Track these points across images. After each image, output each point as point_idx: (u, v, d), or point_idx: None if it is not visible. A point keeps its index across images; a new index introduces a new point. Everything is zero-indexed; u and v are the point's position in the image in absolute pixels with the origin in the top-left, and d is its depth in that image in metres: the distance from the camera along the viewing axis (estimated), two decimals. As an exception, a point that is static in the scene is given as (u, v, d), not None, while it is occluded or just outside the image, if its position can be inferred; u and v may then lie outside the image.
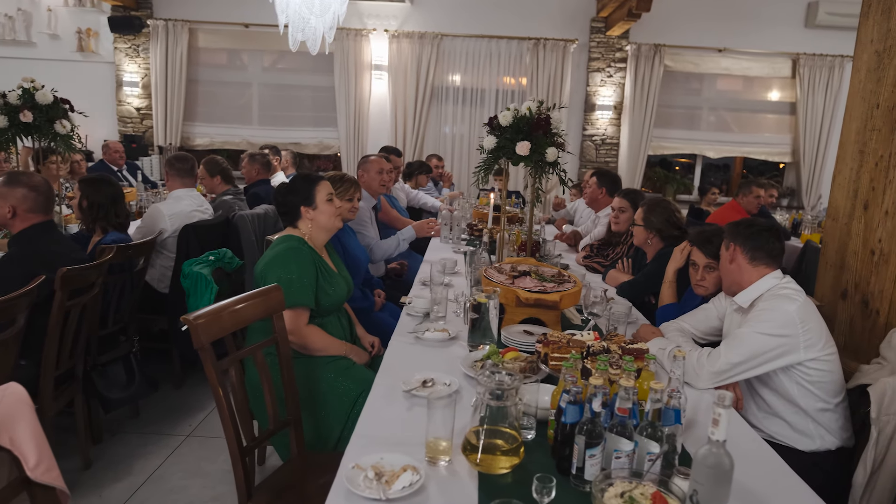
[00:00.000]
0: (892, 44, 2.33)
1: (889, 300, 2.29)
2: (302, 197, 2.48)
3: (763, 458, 1.64)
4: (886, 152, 2.32)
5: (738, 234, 2.17)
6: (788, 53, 7.67)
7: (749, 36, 7.57)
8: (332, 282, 2.48)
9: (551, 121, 3.06)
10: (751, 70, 7.82)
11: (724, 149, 8.12)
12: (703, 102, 8.07)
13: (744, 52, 7.65)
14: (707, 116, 8.10)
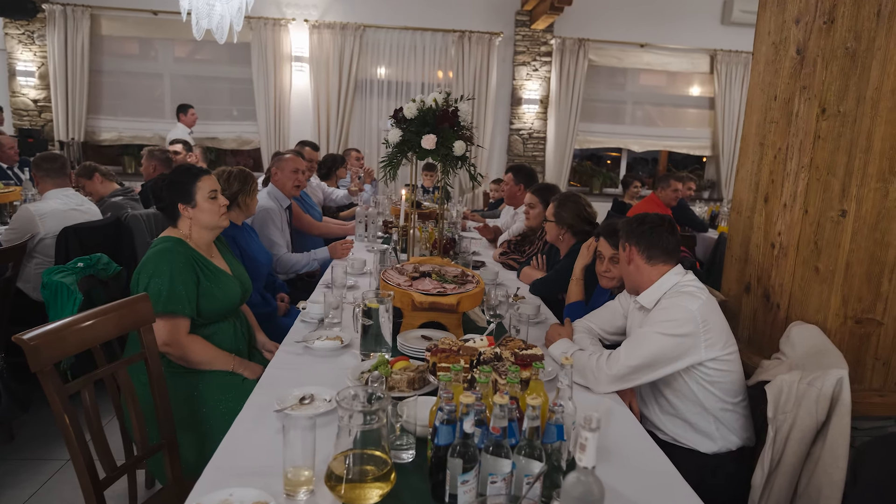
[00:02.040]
0: (787, 35, 2.30)
1: (789, 294, 2.27)
2: (180, 194, 2.25)
3: (659, 472, 1.55)
4: (784, 144, 2.30)
5: (632, 234, 2.10)
6: (706, 49, 7.84)
7: (669, 32, 7.70)
8: (221, 284, 2.26)
9: (459, 113, 2.92)
10: (671, 65, 7.97)
11: (648, 142, 8.25)
12: (627, 97, 8.17)
13: (664, 48, 7.78)
14: (631, 111, 8.21)
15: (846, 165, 2.02)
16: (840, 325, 2.07)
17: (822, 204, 2.11)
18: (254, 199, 2.96)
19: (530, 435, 1.26)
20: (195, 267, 2.19)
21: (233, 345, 2.31)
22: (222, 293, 2.25)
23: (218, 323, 2.29)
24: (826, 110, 2.10)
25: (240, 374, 2.23)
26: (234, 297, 2.32)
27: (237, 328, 2.37)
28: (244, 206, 2.91)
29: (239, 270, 2.44)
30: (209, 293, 2.20)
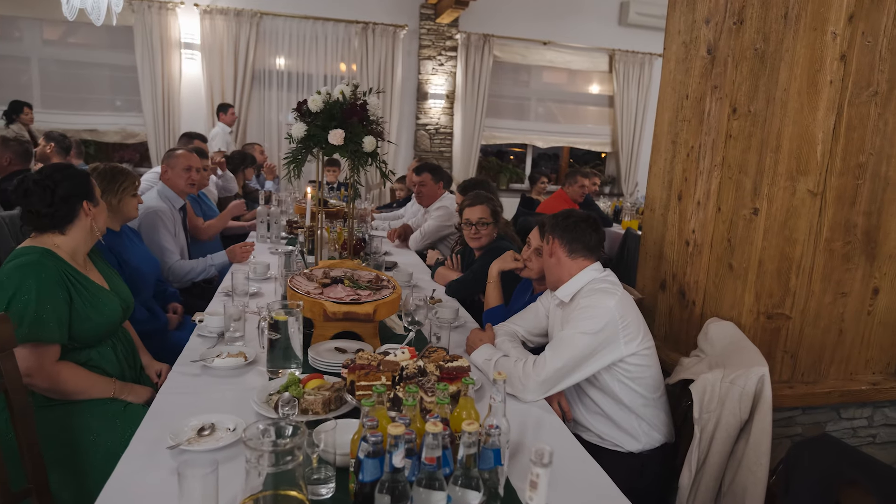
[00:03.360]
0: (697, 35, 2.32)
1: (704, 291, 2.30)
2: (85, 189, 1.96)
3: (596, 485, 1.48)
4: (696, 143, 2.32)
5: (556, 227, 2.08)
6: (605, 49, 8.09)
7: (570, 30, 7.86)
8: (98, 303, 1.96)
9: (368, 107, 2.75)
10: (573, 63, 8.15)
11: (551, 139, 8.41)
12: (531, 93, 8.28)
13: (566, 46, 7.94)
14: (535, 107, 8.33)
15: (757, 164, 2.05)
16: (754, 320, 2.11)
17: (735, 202, 2.14)
18: (127, 202, 2.58)
19: (467, 463, 1.13)
20: (67, 284, 1.88)
21: (116, 369, 2.02)
22: (99, 313, 1.94)
23: (95, 347, 1.99)
24: (737, 110, 2.13)
25: (123, 400, 1.95)
26: (113, 316, 2.02)
27: (119, 350, 2.06)
28: (114, 209, 2.55)
29: (118, 284, 2.14)
30: (83, 316, 1.90)
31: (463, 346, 2.20)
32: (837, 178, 2.04)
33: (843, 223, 2.09)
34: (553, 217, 2.12)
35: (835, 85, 1.97)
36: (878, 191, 2.10)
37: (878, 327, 2.26)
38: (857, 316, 2.21)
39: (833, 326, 2.19)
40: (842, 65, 1.96)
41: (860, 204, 2.09)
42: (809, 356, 2.19)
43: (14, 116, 5.78)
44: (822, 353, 2.21)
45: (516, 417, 1.72)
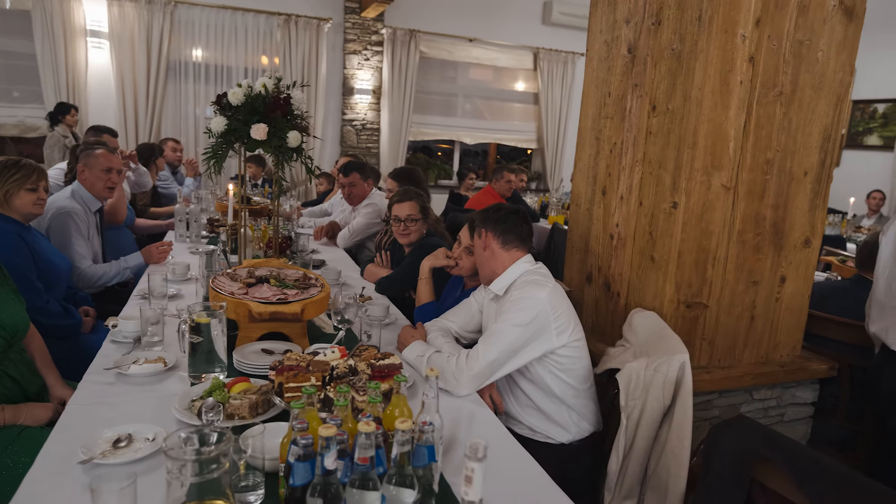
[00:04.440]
0: (618, 34, 2.39)
1: (627, 282, 2.37)
2: None
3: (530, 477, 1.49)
4: (619, 139, 2.39)
5: (489, 220, 2.10)
6: (530, 47, 8.23)
7: (495, 28, 7.95)
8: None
9: (292, 101, 2.67)
10: (498, 61, 8.25)
11: (479, 135, 8.49)
12: (458, 90, 8.32)
13: (492, 43, 8.02)
14: (462, 104, 8.38)
15: (675, 160, 2.13)
16: (674, 309, 2.20)
17: (656, 196, 2.22)
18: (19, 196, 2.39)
19: (401, 461, 1.11)
20: None
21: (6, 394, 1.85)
22: None
23: None
24: (656, 107, 2.21)
25: (19, 425, 1.78)
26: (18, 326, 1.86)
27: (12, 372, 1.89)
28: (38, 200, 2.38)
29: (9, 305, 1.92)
30: None
31: (394, 344, 2.18)
32: (748, 174, 2.16)
33: (753, 216, 2.21)
34: (483, 211, 2.14)
35: (744, 85, 2.08)
36: (783, 185, 2.23)
37: (786, 313, 2.40)
38: (767, 303, 2.34)
39: (746, 313, 2.31)
40: (750, 66, 2.07)
41: (768, 197, 2.22)
42: (725, 342, 2.31)
43: (59, 118, 5.65)
44: (737, 338, 2.33)
45: (449, 413, 1.72)
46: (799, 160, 2.24)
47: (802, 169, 2.26)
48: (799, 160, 2.24)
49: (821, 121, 2.24)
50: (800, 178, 2.26)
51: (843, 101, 2.28)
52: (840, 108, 2.27)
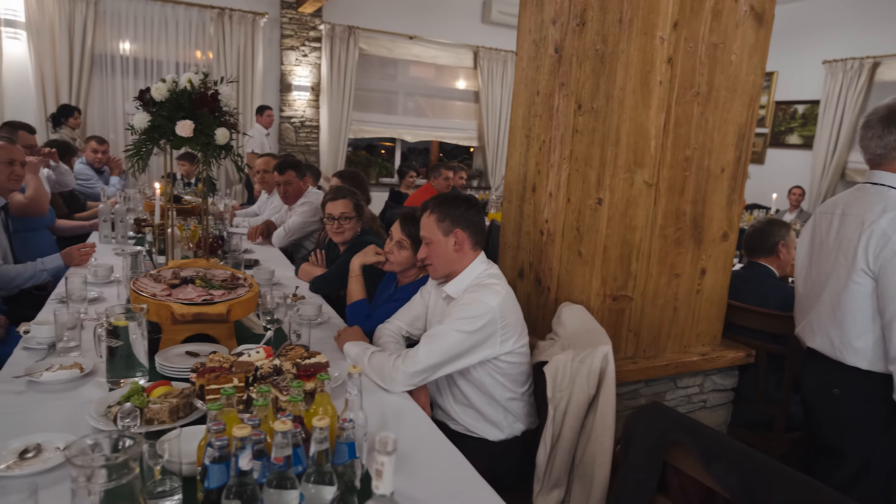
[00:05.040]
0: (546, 34, 2.44)
1: (557, 277, 2.43)
2: None
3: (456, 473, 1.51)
4: (547, 137, 2.44)
5: (462, 218, 2.04)
6: (470, 45, 8.30)
7: (435, 26, 7.97)
8: None
9: (220, 97, 2.61)
10: (439, 59, 8.28)
11: (420, 133, 8.50)
12: (398, 87, 8.31)
13: (432, 41, 8.05)
14: (403, 101, 8.37)
15: (600, 157, 2.20)
16: (601, 303, 2.26)
17: (582, 193, 2.28)
18: None
19: (319, 459, 1.11)
20: None
21: None
22: None
23: None
24: (582, 106, 2.26)
25: None
26: None
27: None
28: None
29: None
30: None
31: (326, 344, 2.17)
32: (668, 170, 2.24)
33: (674, 211, 2.30)
34: (450, 207, 2.06)
35: (664, 85, 2.16)
36: (702, 182, 2.33)
37: (706, 304, 2.51)
38: (689, 295, 2.44)
39: (669, 305, 2.40)
40: (669, 67, 2.15)
41: (688, 193, 2.31)
42: (650, 333, 2.39)
43: (62, 120, 5.66)
44: (661, 329, 2.42)
45: (376, 409, 1.72)
46: (716, 157, 2.34)
47: (719, 166, 2.36)
48: (716, 157, 2.34)
49: (736, 120, 2.35)
50: (717, 174, 2.37)
51: (756, 101, 2.39)
52: (752, 109, 2.39)
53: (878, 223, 1.82)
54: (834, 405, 2.02)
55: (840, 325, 1.94)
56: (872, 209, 1.87)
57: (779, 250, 2.84)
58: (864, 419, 1.92)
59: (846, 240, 1.93)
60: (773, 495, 1.17)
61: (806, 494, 1.14)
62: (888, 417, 1.85)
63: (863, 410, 1.90)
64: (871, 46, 7.38)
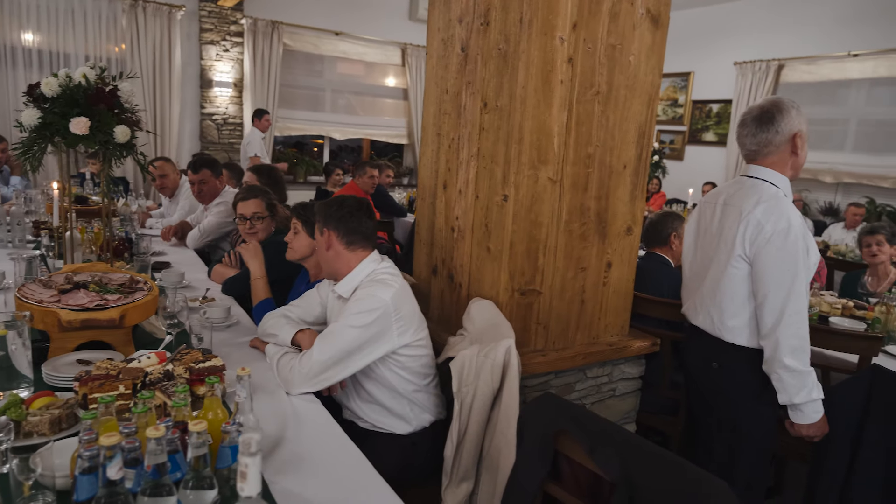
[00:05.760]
0: (453, 33, 2.47)
1: (468, 273, 2.46)
2: None
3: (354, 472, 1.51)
4: (456, 135, 2.47)
5: (331, 218, 2.04)
6: (398, 43, 8.27)
7: (363, 22, 7.90)
8: None
9: (120, 93, 2.50)
10: (367, 56, 8.22)
11: (349, 131, 8.41)
12: (326, 84, 8.19)
13: (359, 38, 7.97)
14: (331, 98, 8.26)
15: (505, 154, 2.24)
16: (509, 297, 2.31)
17: (489, 190, 2.32)
18: None
19: (195, 465, 1.09)
20: None
21: None
22: None
23: None
24: (487, 104, 2.30)
25: None
26: None
27: None
28: None
29: None
30: None
31: (234, 346, 2.13)
32: (571, 167, 2.31)
33: (578, 207, 2.37)
34: (325, 207, 2.08)
35: (565, 84, 2.22)
36: (604, 178, 2.41)
37: (613, 296, 2.60)
38: (595, 287, 2.52)
39: (576, 298, 2.48)
40: (570, 67, 2.22)
41: (591, 189, 2.38)
42: (559, 326, 2.46)
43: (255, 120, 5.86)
44: (569, 322, 2.49)
45: (277, 411, 1.70)
46: (618, 154, 2.43)
47: (622, 162, 2.45)
48: (618, 154, 2.43)
49: (636, 118, 2.44)
50: (619, 170, 2.45)
51: (654, 100, 2.49)
52: (651, 107, 2.49)
53: (754, 213, 1.95)
54: (713, 378, 2.17)
55: (719, 305, 2.08)
56: (748, 200, 2.00)
57: (672, 241, 3.00)
58: (738, 390, 2.09)
59: (726, 228, 2.06)
60: (648, 477, 1.23)
61: (676, 474, 1.20)
62: (760, 388, 2.00)
63: (738, 382, 2.07)
64: (777, 49, 7.83)
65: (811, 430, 1.98)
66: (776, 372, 1.92)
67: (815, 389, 1.93)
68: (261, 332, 2.12)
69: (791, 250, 1.88)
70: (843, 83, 7.35)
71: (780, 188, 2.05)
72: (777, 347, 1.90)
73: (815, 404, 1.94)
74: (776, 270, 1.90)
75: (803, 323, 1.90)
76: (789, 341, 1.89)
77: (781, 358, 1.89)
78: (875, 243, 3.52)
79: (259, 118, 6.64)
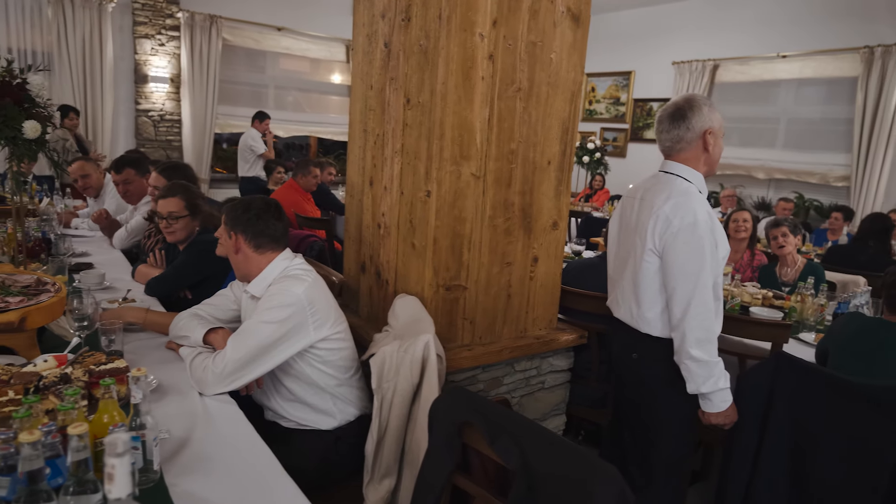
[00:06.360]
0: (377, 29, 2.46)
1: (395, 269, 2.46)
2: None
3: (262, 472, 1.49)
4: (382, 131, 2.46)
5: (238, 221, 2.01)
6: (342, 39, 8.19)
7: (305, 18, 7.80)
8: None
9: (29, 87, 2.40)
10: (311, 52, 8.11)
11: (293, 128, 8.29)
12: (269, 81, 8.05)
13: (302, 34, 7.86)
14: (275, 95, 8.12)
15: (427, 150, 2.24)
16: (434, 293, 2.31)
17: (413, 186, 2.32)
18: None
19: (75, 470, 1.05)
20: None
21: None
22: None
23: None
24: (410, 100, 2.30)
25: None
26: None
27: None
28: None
29: None
30: None
31: (150, 349, 2.07)
32: (494, 163, 2.33)
33: (502, 202, 2.39)
34: (231, 210, 2.05)
35: (486, 81, 2.24)
36: (528, 174, 2.45)
37: (540, 290, 2.64)
38: (522, 282, 2.56)
39: (502, 292, 2.50)
40: (491, 63, 2.24)
41: (515, 185, 2.41)
42: (485, 320, 2.48)
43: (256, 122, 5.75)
44: (496, 316, 2.51)
45: (187, 412, 1.67)
46: (541, 150, 2.46)
47: (546, 158, 2.49)
48: (541, 150, 2.46)
49: (559, 115, 2.49)
50: (543, 166, 2.49)
51: (577, 97, 2.54)
52: (574, 104, 2.54)
53: (663, 209, 2.00)
54: (633, 368, 2.23)
55: (637, 297, 2.13)
56: (660, 195, 2.06)
57: None
58: (656, 379, 2.15)
59: (641, 222, 2.11)
60: (546, 464, 1.25)
61: (571, 460, 1.23)
62: (676, 377, 2.06)
63: (655, 372, 2.13)
64: (713, 50, 8.09)
65: (720, 418, 2.04)
66: (684, 362, 1.98)
67: (722, 379, 1.98)
68: (172, 333, 2.07)
69: (697, 244, 1.93)
70: (774, 83, 7.65)
71: (694, 183, 2.10)
72: (684, 339, 1.96)
73: (722, 393, 2.00)
74: (683, 264, 1.95)
75: (709, 315, 1.95)
76: (695, 333, 1.94)
77: (688, 349, 1.95)
78: (780, 235, 3.70)
79: (261, 120, 6.64)
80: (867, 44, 6.54)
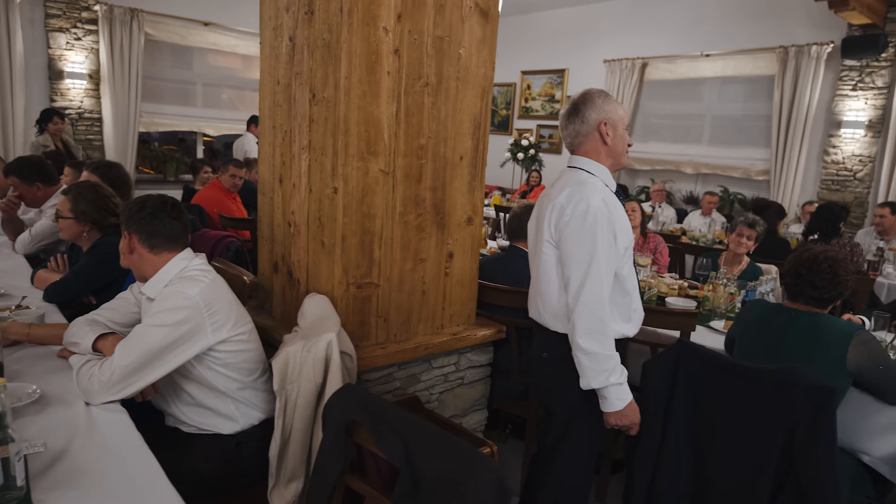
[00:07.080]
0: (282, 22, 2.40)
1: (306, 268, 2.41)
2: None
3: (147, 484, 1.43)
4: (289, 127, 2.41)
5: (132, 220, 1.93)
6: (273, 35, 8.00)
7: (233, 14, 7.59)
8: None
9: None
10: (240, 48, 7.90)
11: (224, 126, 8.06)
12: (196, 77, 7.80)
13: (231, 29, 7.65)
14: (204, 93, 7.88)
15: (333, 146, 2.20)
16: (344, 291, 2.28)
17: (321, 182, 2.28)
18: None
19: None
20: None
21: None
22: None
23: None
24: (315, 96, 2.26)
25: None
26: None
27: None
28: None
29: None
30: None
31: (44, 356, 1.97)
32: (404, 159, 2.31)
33: (413, 198, 2.38)
34: (127, 208, 1.97)
35: (392, 76, 2.22)
36: (440, 169, 2.44)
37: (456, 286, 2.64)
38: (437, 278, 2.55)
39: (417, 289, 2.49)
40: (396, 58, 2.21)
41: (426, 181, 2.40)
42: (399, 317, 2.46)
43: (43, 126, 5.39)
44: (411, 313, 2.50)
45: (68, 423, 1.59)
46: (453, 146, 2.46)
47: (458, 154, 2.49)
48: (453, 146, 2.46)
49: (470, 110, 2.49)
50: (455, 162, 2.49)
51: (488, 92, 2.55)
52: (486, 100, 2.54)
53: (559, 199, 2.01)
54: (543, 368, 2.21)
55: (542, 294, 2.13)
56: (557, 188, 2.07)
57: None
58: (562, 378, 2.08)
59: (541, 215, 2.12)
60: (429, 458, 1.24)
61: (450, 452, 1.22)
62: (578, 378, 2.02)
63: (563, 371, 2.06)
64: (641, 48, 8.31)
65: (619, 418, 1.97)
66: (575, 355, 1.93)
67: (615, 374, 1.92)
68: (65, 340, 1.96)
69: (589, 232, 1.90)
70: (699, 81, 7.92)
71: (598, 175, 2.10)
72: (574, 329, 1.91)
73: (617, 390, 1.93)
74: (574, 252, 1.92)
75: (602, 305, 1.90)
76: (585, 322, 1.89)
77: (577, 339, 1.90)
78: (747, 237, 3.71)
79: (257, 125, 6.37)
80: (782, 44, 6.85)
